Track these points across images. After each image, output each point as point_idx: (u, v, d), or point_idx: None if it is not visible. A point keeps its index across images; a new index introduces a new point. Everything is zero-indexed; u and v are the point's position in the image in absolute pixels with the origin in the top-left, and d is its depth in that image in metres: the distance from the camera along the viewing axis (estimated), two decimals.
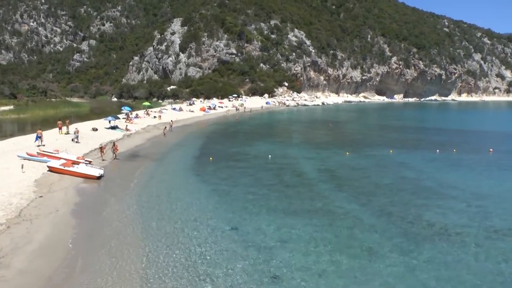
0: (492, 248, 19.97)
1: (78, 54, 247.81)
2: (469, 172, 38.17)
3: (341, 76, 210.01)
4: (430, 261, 18.33)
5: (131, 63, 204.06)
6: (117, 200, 26.19)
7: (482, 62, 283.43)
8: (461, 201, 27.94)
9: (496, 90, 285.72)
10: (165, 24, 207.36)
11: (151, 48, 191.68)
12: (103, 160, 37.60)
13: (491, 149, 50.38)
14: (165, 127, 61.20)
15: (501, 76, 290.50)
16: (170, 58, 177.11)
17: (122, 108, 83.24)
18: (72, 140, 44.61)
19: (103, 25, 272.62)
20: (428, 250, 19.53)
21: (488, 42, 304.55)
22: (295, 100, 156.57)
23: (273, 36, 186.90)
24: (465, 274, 17.16)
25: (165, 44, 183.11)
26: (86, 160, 35.05)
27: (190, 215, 23.84)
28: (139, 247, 19.10)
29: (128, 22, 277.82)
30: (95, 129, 53.83)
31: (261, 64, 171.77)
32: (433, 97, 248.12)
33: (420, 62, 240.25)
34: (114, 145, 40.62)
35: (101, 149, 39.54)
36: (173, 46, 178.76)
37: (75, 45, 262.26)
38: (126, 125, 60.92)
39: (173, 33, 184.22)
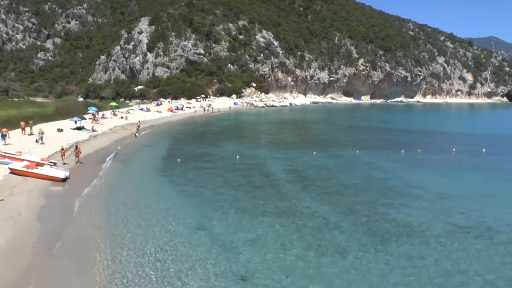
0: (455, 245, 20.54)
1: (42, 52, 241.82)
2: (433, 171, 39.13)
3: (308, 77, 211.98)
4: (396, 258, 18.75)
5: (97, 62, 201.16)
6: (83, 203, 25.74)
7: (445, 65, 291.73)
8: (425, 200, 28.62)
9: (459, 93, 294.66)
10: (132, 23, 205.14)
11: (118, 47, 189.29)
12: (64, 163, 35.59)
13: (453, 149, 51.84)
14: (137, 129, 60.56)
15: (463, 79, 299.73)
16: (138, 58, 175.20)
17: (89, 108, 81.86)
18: (36, 141, 43.50)
19: (69, 22, 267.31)
20: (394, 248, 19.98)
21: (451, 46, 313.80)
22: (263, 101, 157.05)
23: (241, 36, 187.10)
24: (429, 271, 17.59)
25: (132, 43, 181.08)
26: (50, 162, 34.23)
27: (158, 216, 23.65)
28: (105, 251, 18.82)
29: (94, 20, 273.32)
30: (60, 130, 52.70)
31: (229, 65, 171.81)
32: (399, 99, 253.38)
33: (387, 64, 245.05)
34: (76, 148, 38.27)
35: (62, 151, 37.37)
36: (141, 46, 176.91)
37: (39, 43, 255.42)
38: (93, 126, 59.89)
39: (140, 32, 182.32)
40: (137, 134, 57.83)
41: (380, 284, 16.60)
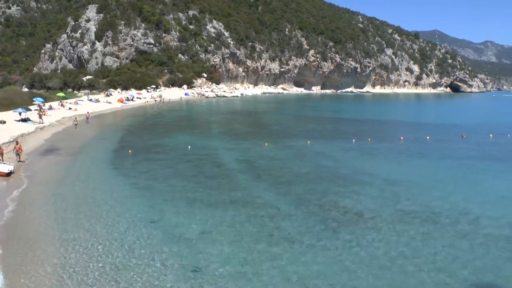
0: (402, 231, 21.33)
1: None
2: (382, 159, 40.50)
3: (259, 68, 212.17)
4: (347, 245, 19.29)
5: (43, 51, 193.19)
6: (30, 199, 24.96)
7: (393, 56, 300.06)
8: (375, 187, 29.56)
9: (406, 83, 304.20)
10: (80, 10, 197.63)
11: (65, 36, 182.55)
12: (2, 163, 31.71)
13: (402, 138, 53.83)
14: (75, 118, 59.58)
15: (410, 70, 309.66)
16: (86, 47, 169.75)
17: (34, 99, 78.97)
18: None
19: (9, 8, 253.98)
20: (345, 235, 20.52)
21: (398, 38, 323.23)
22: (214, 92, 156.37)
23: (191, 26, 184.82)
24: (379, 256, 18.22)
25: (79, 31, 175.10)
26: None
27: (108, 209, 23.29)
28: (54, 247, 18.40)
29: (38, 7, 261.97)
30: (3, 122, 50.73)
31: (180, 55, 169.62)
32: (349, 89, 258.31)
33: (337, 55, 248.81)
34: (17, 144, 35.36)
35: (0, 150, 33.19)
36: (89, 34, 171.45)
37: None
38: (40, 117, 58.01)
39: (88, 20, 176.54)
40: (76, 124, 56.48)
41: (333, 270, 17.02)
